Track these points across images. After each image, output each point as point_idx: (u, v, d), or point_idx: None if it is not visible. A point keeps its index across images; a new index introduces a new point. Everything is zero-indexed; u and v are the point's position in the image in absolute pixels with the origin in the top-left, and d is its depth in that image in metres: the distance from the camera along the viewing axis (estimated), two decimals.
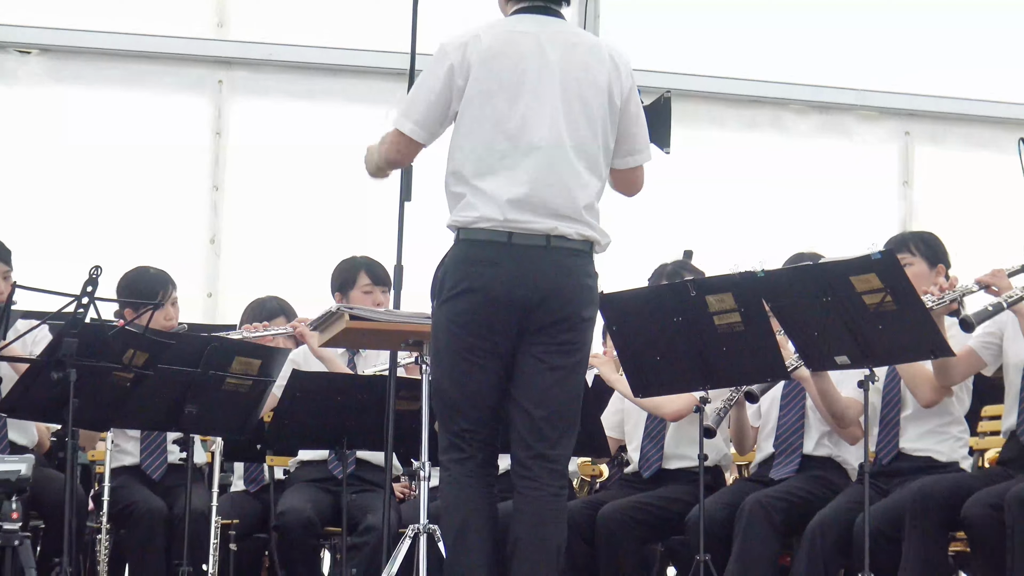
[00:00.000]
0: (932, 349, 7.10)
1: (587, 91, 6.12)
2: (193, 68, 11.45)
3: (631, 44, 11.86)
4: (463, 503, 6.21)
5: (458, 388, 6.16)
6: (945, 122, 12.63)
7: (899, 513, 7.19)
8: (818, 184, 12.19)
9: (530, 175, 6.03)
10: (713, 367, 7.36)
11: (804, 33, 12.34)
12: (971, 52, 12.64)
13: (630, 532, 8.09)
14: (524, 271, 6.02)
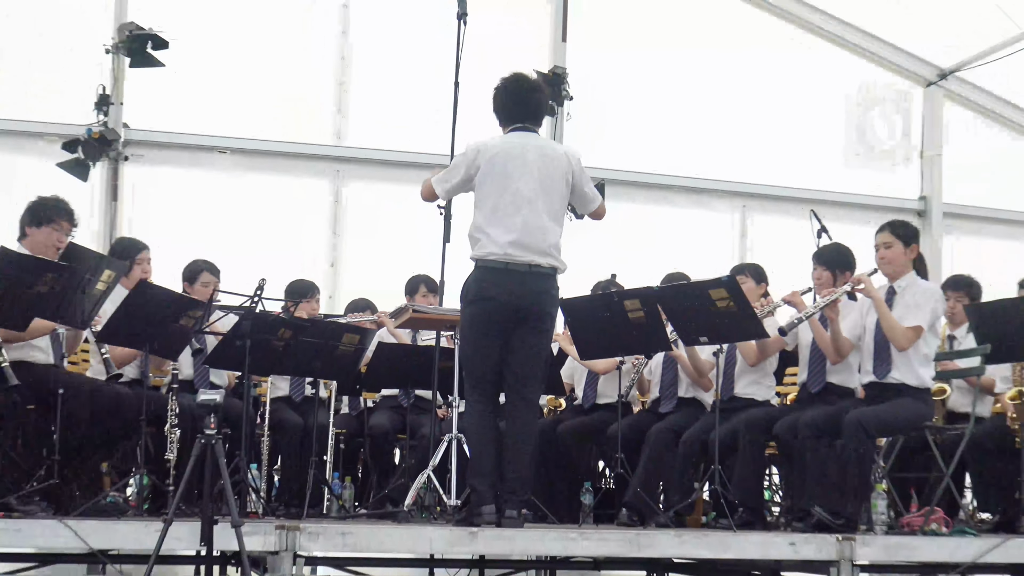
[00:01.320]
0: (756, 334, 7.21)
1: (551, 177, 6.33)
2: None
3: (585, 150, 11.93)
4: (479, 423, 6.37)
5: (477, 355, 6.33)
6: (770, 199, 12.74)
7: (735, 430, 7.20)
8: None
9: (518, 227, 6.23)
10: (627, 343, 7.43)
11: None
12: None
13: (577, 439, 8.18)
14: (516, 287, 6.21)
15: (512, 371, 6.29)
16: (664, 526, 7.02)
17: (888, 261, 7.11)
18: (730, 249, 12.39)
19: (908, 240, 7.14)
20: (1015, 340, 7.36)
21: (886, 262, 7.12)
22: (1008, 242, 13.24)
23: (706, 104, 12.39)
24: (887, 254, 7.11)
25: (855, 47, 12.91)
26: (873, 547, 6.22)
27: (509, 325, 6.25)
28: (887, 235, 7.16)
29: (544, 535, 6.23)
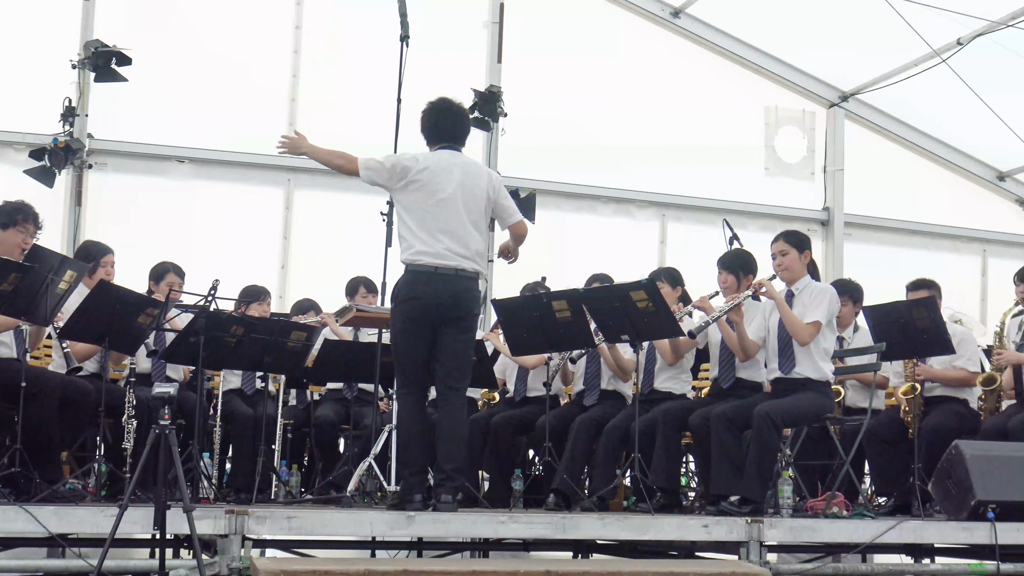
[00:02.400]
0: (672, 332, 7.21)
1: (473, 191, 6.33)
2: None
3: (517, 162, 11.98)
4: (409, 415, 6.33)
5: (407, 352, 6.29)
6: (687, 209, 12.76)
7: (654, 421, 7.21)
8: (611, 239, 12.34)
9: (446, 234, 6.22)
10: (554, 340, 7.42)
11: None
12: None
13: (509, 430, 8.14)
14: (443, 288, 6.18)
15: (441, 366, 6.26)
16: (588, 510, 7.01)
17: (785, 267, 7.15)
18: (650, 255, 12.35)
19: (801, 247, 7.18)
20: (907, 339, 7.44)
21: (783, 268, 7.16)
22: (902, 249, 13.38)
23: (629, 121, 12.40)
24: (784, 261, 7.16)
25: (764, 71, 12.99)
26: (779, 529, 6.23)
27: (436, 324, 6.23)
28: (782, 244, 7.20)
29: (477, 519, 6.19)
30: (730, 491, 6.79)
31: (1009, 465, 6.61)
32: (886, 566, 7.63)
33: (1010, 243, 13.82)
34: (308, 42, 11.52)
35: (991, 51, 11.42)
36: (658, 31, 12.70)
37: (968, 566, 6.78)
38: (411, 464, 6.23)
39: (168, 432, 5.27)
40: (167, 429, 5.27)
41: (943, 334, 7.44)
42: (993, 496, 6.42)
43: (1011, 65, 11.56)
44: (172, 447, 5.27)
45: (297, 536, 6.59)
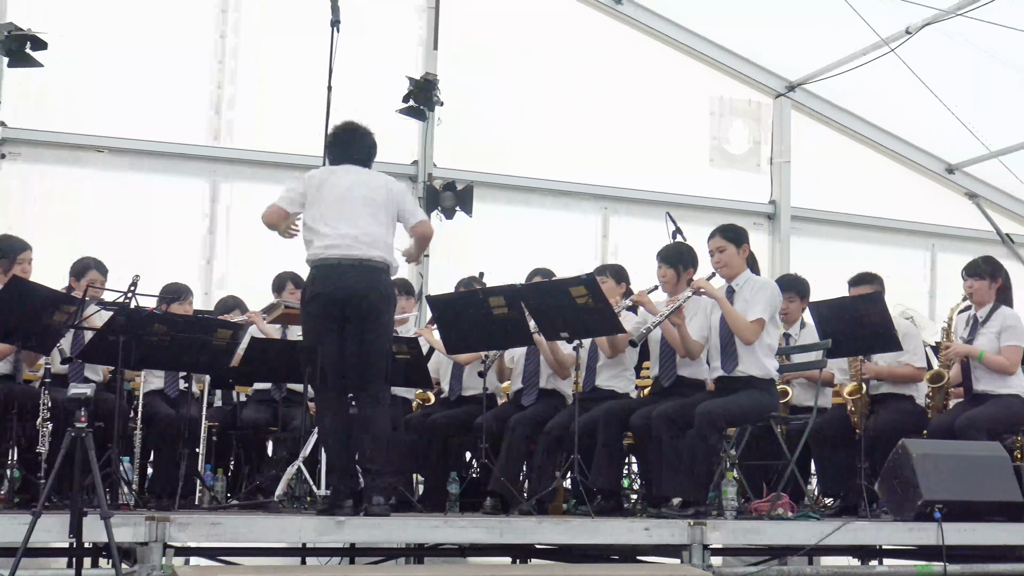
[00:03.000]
0: (613, 329, 7.23)
1: (372, 187, 6.43)
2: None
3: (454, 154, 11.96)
4: (330, 419, 6.32)
5: (320, 352, 6.30)
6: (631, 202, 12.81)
7: (595, 421, 7.23)
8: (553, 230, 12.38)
9: (346, 226, 6.27)
10: (491, 337, 7.43)
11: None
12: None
13: (444, 431, 8.14)
14: (348, 281, 6.21)
15: (355, 364, 6.25)
16: (526, 513, 7.00)
17: (724, 264, 7.20)
18: (592, 249, 12.40)
19: (739, 241, 7.23)
20: (854, 335, 7.51)
21: (722, 265, 7.20)
22: (850, 243, 13.50)
23: (571, 111, 12.42)
24: (722, 257, 7.20)
25: (709, 60, 13.06)
26: (723, 531, 6.26)
27: (346, 319, 6.23)
28: (719, 240, 7.25)
29: (409, 523, 6.17)
30: (672, 493, 6.83)
31: (956, 464, 6.69)
32: (832, 568, 7.74)
33: (959, 237, 13.99)
34: (235, 27, 11.39)
35: (940, 41, 11.56)
36: (601, 18, 12.69)
37: (915, 567, 6.86)
38: (336, 468, 6.20)
39: (85, 435, 5.24)
40: (83, 432, 5.23)
41: (890, 330, 7.51)
42: (940, 496, 6.49)
43: (960, 55, 11.71)
44: (89, 451, 5.24)
45: (222, 543, 6.54)
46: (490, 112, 12.12)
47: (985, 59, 11.67)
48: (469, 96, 11.86)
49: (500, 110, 12.15)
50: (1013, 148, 13.04)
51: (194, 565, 7.16)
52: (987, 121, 12.51)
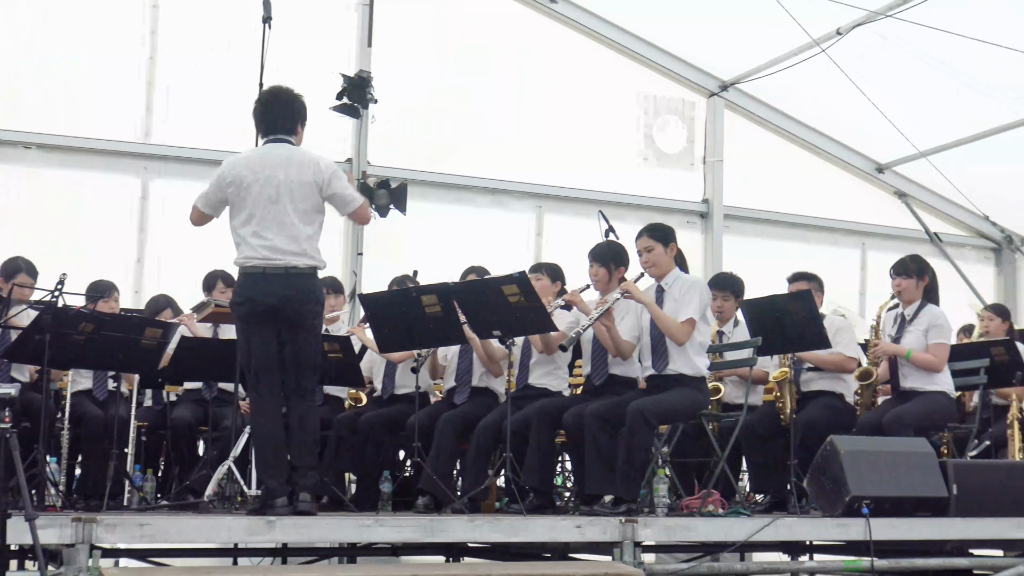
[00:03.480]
0: (545, 328, 7.24)
1: (300, 183, 6.27)
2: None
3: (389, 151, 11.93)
4: (262, 419, 6.26)
5: (252, 355, 6.27)
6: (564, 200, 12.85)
7: (528, 419, 7.23)
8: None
9: (271, 232, 6.18)
10: (424, 336, 7.41)
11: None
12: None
13: (377, 430, 8.10)
14: (276, 289, 6.15)
15: (287, 367, 6.22)
16: (459, 512, 6.98)
17: (652, 263, 7.23)
18: (527, 247, 12.44)
19: (666, 240, 7.27)
20: (783, 333, 7.59)
21: (650, 264, 7.23)
22: (782, 242, 13.64)
23: (506, 109, 12.45)
24: (650, 257, 7.23)
25: (643, 59, 13.13)
26: (654, 528, 6.27)
27: (276, 324, 6.20)
28: (647, 240, 7.27)
29: (341, 523, 6.14)
30: (604, 491, 6.85)
31: (883, 460, 6.77)
32: (762, 564, 7.80)
33: (889, 236, 14.18)
34: (166, 22, 11.27)
35: (871, 42, 11.69)
36: (536, 17, 12.72)
37: (843, 563, 6.94)
38: (270, 467, 6.16)
39: (8, 436, 5.15)
40: (7, 433, 5.15)
41: (819, 328, 7.59)
42: (867, 492, 6.56)
43: (890, 56, 11.84)
44: (13, 451, 5.16)
45: (151, 544, 6.47)
46: (424, 110, 12.12)
47: (914, 60, 11.81)
48: (404, 94, 11.83)
49: (434, 108, 12.16)
50: (941, 148, 13.23)
51: (123, 567, 7.09)
52: (916, 121, 12.67)
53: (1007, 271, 14.77)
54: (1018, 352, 8.45)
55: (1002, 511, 6.89)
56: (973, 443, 8.15)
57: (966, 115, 12.57)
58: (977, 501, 6.88)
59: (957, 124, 12.84)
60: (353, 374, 7.93)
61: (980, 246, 14.81)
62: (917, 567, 6.96)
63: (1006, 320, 9.24)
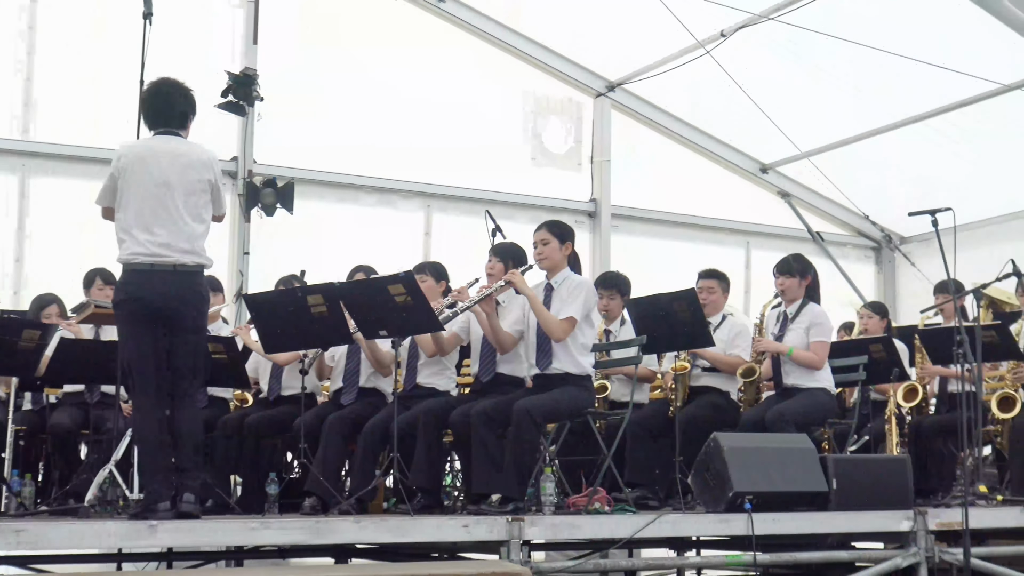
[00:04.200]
0: (431, 327, 7.22)
1: (190, 179, 6.19)
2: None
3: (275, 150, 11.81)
4: (145, 422, 6.14)
5: (135, 356, 6.13)
6: (453, 200, 12.84)
7: (416, 419, 7.20)
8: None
9: (161, 228, 6.08)
10: (311, 337, 7.35)
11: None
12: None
13: (263, 431, 8.03)
14: (162, 287, 6.05)
15: (171, 367, 6.12)
16: (346, 513, 6.94)
17: (545, 257, 7.29)
18: (415, 246, 12.40)
19: (563, 238, 7.33)
20: (668, 332, 7.67)
21: (543, 257, 7.29)
22: (669, 241, 13.79)
23: (394, 108, 12.39)
24: (545, 250, 7.29)
25: (530, 59, 13.18)
26: (540, 526, 6.30)
27: (161, 323, 6.09)
28: (544, 233, 7.34)
29: (225, 526, 6.06)
30: (491, 490, 6.86)
31: (765, 456, 6.87)
32: (648, 560, 7.89)
33: (773, 235, 14.43)
34: (44, 17, 11.03)
35: (754, 44, 11.89)
36: (423, 16, 12.69)
37: (726, 557, 7.04)
38: (153, 471, 6.06)
39: None
40: None
41: (703, 327, 7.69)
42: (750, 487, 6.65)
43: (773, 58, 12.06)
44: None
45: (29, 551, 6.32)
46: (312, 108, 12.01)
47: (796, 62, 12.04)
48: (291, 91, 11.73)
49: (323, 106, 12.06)
50: (823, 149, 13.50)
51: (1, 574, 6.95)
52: (798, 123, 12.92)
53: (887, 270, 15.12)
54: (895, 349, 8.65)
55: (881, 504, 7.03)
56: (853, 438, 8.32)
57: (847, 117, 12.85)
58: (856, 495, 7.00)
59: (838, 125, 13.11)
60: (238, 375, 7.85)
61: (861, 245, 15.14)
62: (799, 560, 7.09)
63: (884, 318, 9.44)
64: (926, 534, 6.96)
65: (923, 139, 12.70)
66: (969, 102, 11.99)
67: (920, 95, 12.12)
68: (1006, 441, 8.37)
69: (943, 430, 8.44)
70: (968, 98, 11.92)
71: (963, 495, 7.13)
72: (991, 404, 8.34)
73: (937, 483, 8.44)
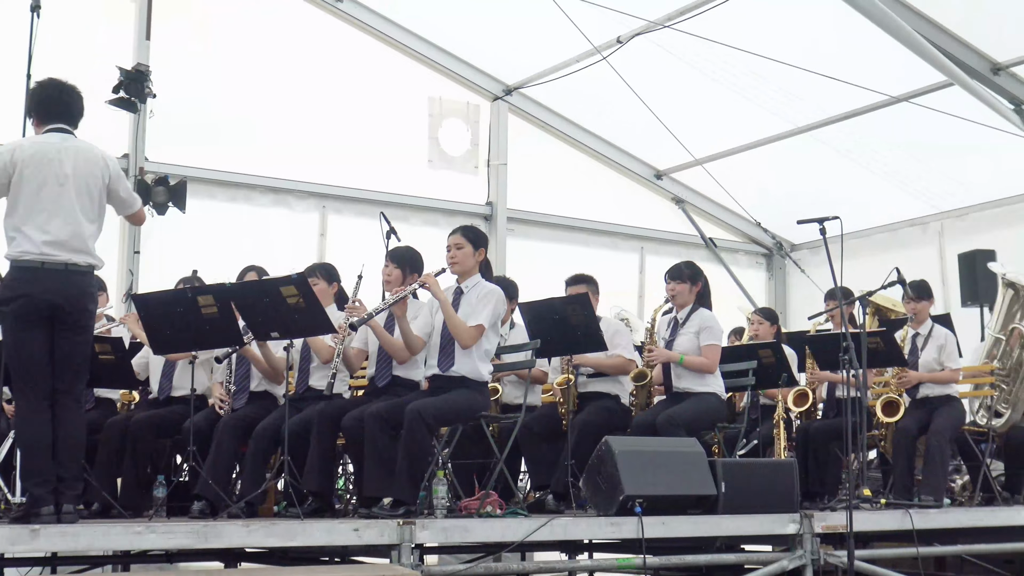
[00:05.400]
0: (324, 330, 7.14)
1: (86, 178, 6.08)
2: None
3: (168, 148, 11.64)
4: (28, 424, 6.00)
5: (20, 356, 5.98)
6: (349, 201, 12.78)
7: (308, 422, 7.11)
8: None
9: (54, 227, 5.95)
10: (200, 338, 7.22)
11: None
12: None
13: (151, 432, 7.85)
14: (52, 285, 5.93)
15: (56, 368, 6.00)
16: (235, 516, 6.85)
17: (458, 261, 7.26)
18: (310, 248, 12.33)
19: (477, 244, 7.31)
20: (562, 336, 7.71)
21: (456, 262, 7.26)
22: (564, 245, 13.88)
23: (290, 107, 12.32)
24: (458, 255, 7.26)
25: (428, 61, 13.17)
26: (432, 530, 6.27)
27: (48, 323, 5.96)
28: (459, 237, 7.31)
29: (109, 530, 5.92)
30: (383, 493, 6.82)
31: (655, 460, 6.92)
32: (539, 564, 7.91)
33: (667, 240, 14.61)
34: None
35: (650, 51, 12.00)
36: (321, 15, 12.64)
37: (617, 560, 7.08)
38: (36, 474, 5.92)
39: None
40: None
41: (596, 331, 7.74)
42: (640, 491, 6.70)
43: (668, 66, 12.18)
44: None
45: None
46: (206, 106, 11.86)
47: (691, 70, 12.18)
48: (184, 89, 11.57)
49: (217, 105, 11.92)
50: (716, 156, 13.69)
51: None
52: (693, 130, 13.08)
53: (777, 276, 15.37)
54: (785, 355, 8.79)
55: (768, 507, 7.12)
56: (742, 442, 8.44)
57: (740, 125, 13.04)
58: (745, 498, 7.08)
59: (731, 133, 13.30)
60: (125, 375, 7.70)
61: (752, 252, 15.38)
62: (688, 563, 7.17)
63: (774, 324, 9.58)
64: (812, 537, 7.07)
65: (814, 148, 12.95)
66: (858, 113, 12.26)
67: (812, 105, 12.35)
68: (890, 445, 8.55)
69: (830, 434, 8.58)
70: (858, 109, 12.19)
71: (848, 499, 7.25)
72: (876, 409, 8.51)
73: (823, 487, 8.58)
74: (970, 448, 8.76)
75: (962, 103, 10.95)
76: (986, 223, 12.96)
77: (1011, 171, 12.10)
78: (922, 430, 8.42)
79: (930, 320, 8.78)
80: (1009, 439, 8.96)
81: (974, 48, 10.86)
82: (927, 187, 13.09)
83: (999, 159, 11.88)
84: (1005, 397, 8.95)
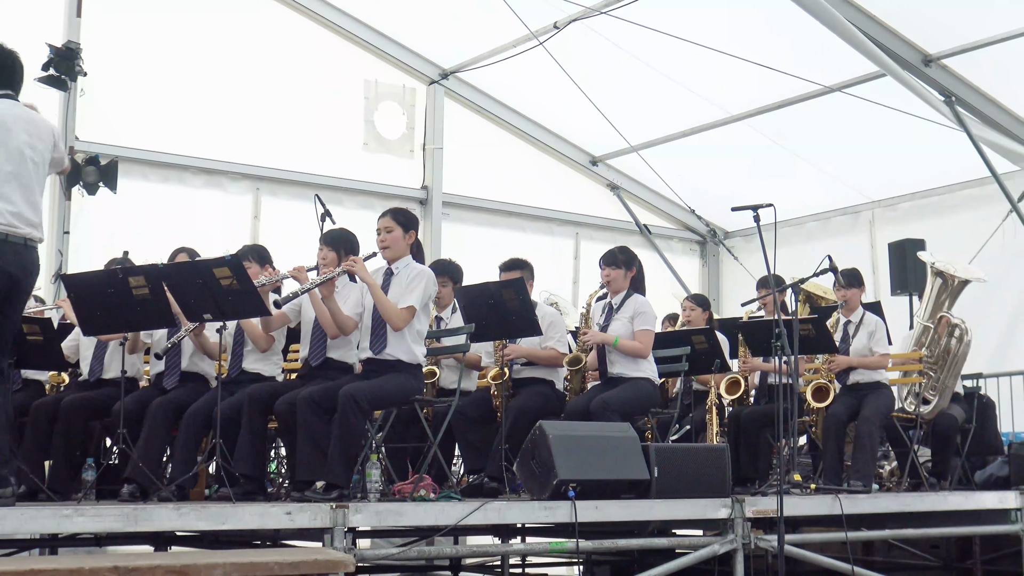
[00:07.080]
0: (258, 312, 7.02)
1: (38, 147, 5.89)
2: None
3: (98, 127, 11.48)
4: None
5: None
6: (283, 183, 12.68)
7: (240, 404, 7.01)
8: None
9: (15, 200, 5.74)
10: (131, 320, 7.08)
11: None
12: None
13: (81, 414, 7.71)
14: (12, 258, 5.73)
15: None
16: (166, 499, 6.77)
17: (388, 245, 7.21)
18: (243, 229, 12.22)
19: (407, 227, 7.27)
20: (497, 320, 7.71)
21: (386, 245, 7.22)
22: (499, 230, 13.88)
23: (224, 88, 12.20)
24: (388, 238, 7.22)
25: (364, 43, 13.10)
26: (365, 513, 6.23)
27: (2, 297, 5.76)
28: (388, 220, 7.27)
29: (37, 513, 5.82)
30: (316, 476, 6.76)
31: (589, 444, 6.93)
32: (472, 548, 7.91)
33: (602, 227, 14.66)
34: None
35: (587, 37, 12.02)
36: None
37: (550, 544, 7.10)
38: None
39: None
40: None
41: (531, 315, 7.75)
42: (573, 475, 6.70)
43: (605, 52, 12.21)
44: None
45: None
46: (138, 86, 11.74)
47: (627, 57, 12.22)
48: (116, 68, 11.42)
49: (149, 84, 11.80)
50: (651, 143, 13.75)
51: None
52: (628, 116, 13.12)
53: (711, 263, 15.49)
54: (717, 341, 8.85)
55: (700, 492, 7.15)
56: (675, 427, 8.49)
57: (675, 112, 13.11)
58: (677, 483, 7.10)
59: (666, 121, 13.37)
60: (54, 357, 7.58)
61: (686, 238, 15.48)
62: (620, 547, 7.20)
63: (707, 310, 9.64)
64: (743, 521, 7.13)
65: (748, 136, 13.05)
66: (792, 102, 12.37)
67: (746, 94, 12.44)
68: (820, 431, 8.64)
69: (761, 420, 8.66)
70: (791, 98, 12.29)
71: (778, 484, 7.32)
72: (807, 395, 8.59)
73: (755, 472, 8.66)
74: (898, 434, 8.86)
75: (894, 94, 11.06)
76: (916, 213, 13.15)
77: (941, 162, 12.27)
78: (852, 416, 8.51)
79: (861, 308, 8.87)
80: (936, 426, 9.07)
81: (906, 39, 10.97)
82: (859, 177, 13.26)
83: (930, 150, 12.03)
84: (933, 384, 9.06)
